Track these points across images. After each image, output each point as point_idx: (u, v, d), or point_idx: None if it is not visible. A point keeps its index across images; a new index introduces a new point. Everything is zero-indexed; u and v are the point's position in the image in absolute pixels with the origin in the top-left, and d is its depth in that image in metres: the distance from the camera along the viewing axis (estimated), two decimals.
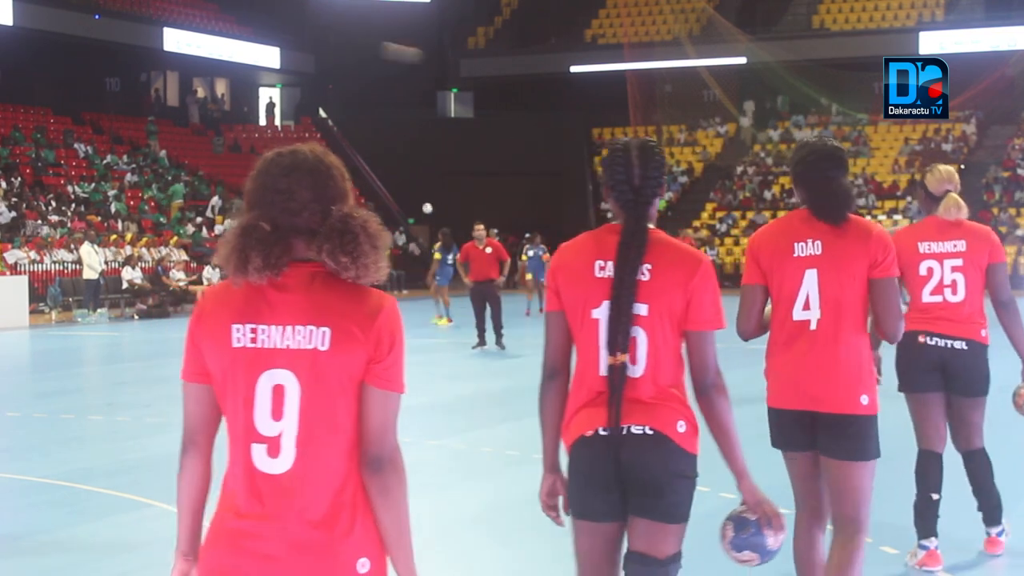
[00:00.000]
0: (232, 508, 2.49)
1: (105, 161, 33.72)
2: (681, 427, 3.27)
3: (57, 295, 24.23)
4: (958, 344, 5.38)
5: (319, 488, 2.45)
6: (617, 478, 3.28)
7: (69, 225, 28.23)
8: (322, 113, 43.11)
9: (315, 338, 2.45)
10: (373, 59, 40.79)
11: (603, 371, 3.29)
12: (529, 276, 23.97)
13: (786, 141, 39.94)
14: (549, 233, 39.51)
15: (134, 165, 34.44)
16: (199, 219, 32.71)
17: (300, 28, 42.59)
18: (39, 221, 28.05)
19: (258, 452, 2.47)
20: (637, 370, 3.27)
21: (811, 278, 4.10)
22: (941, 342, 5.38)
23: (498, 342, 16.49)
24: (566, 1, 43.41)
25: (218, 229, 32.05)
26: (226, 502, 2.52)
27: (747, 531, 3.46)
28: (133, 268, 25.61)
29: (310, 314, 2.46)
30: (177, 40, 37.04)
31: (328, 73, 42.22)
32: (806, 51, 37.94)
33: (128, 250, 26.87)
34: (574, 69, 40.90)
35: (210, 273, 26.89)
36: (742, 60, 38.53)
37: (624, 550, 3.39)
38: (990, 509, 5.73)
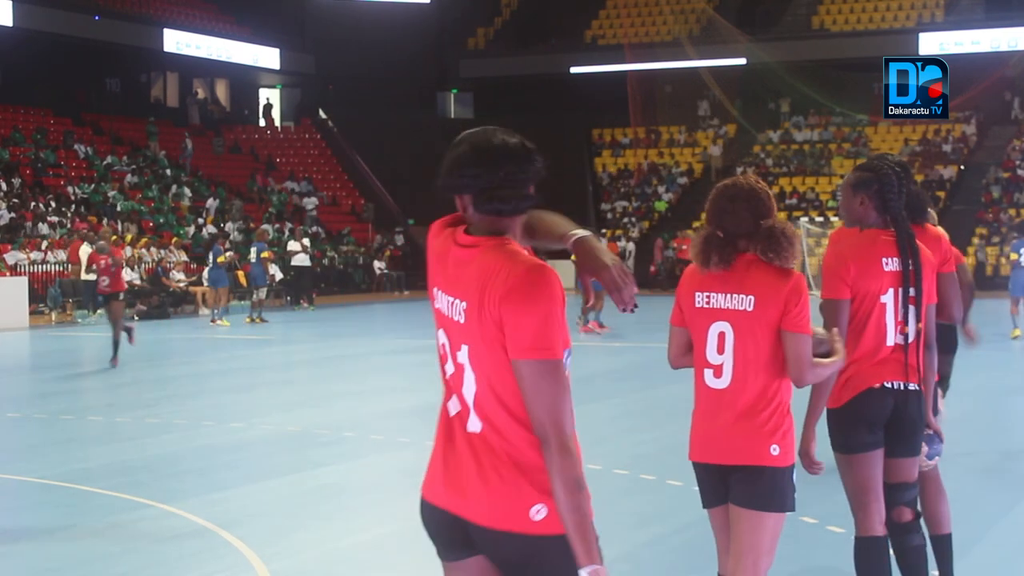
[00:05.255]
0: (698, 404, 3.92)
1: (105, 162, 33.70)
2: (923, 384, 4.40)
3: (57, 296, 24.22)
4: None
5: (746, 398, 3.76)
6: (888, 420, 4.33)
7: (69, 226, 28.20)
8: (322, 114, 43.08)
9: (744, 302, 3.77)
10: (373, 59, 40.74)
11: (890, 341, 4.31)
12: None
13: (786, 142, 39.92)
14: None
15: (134, 166, 34.42)
16: (200, 220, 32.67)
17: (300, 28, 42.55)
18: (37, 223, 28.00)
19: (708, 374, 3.86)
20: (908, 339, 4.32)
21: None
22: None
23: None
24: (566, 1, 43.34)
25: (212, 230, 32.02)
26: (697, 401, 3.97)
27: None
28: (133, 269, 25.58)
29: (741, 287, 3.78)
30: (177, 41, 37.00)
31: (328, 73, 42.18)
32: (806, 52, 37.93)
33: (128, 251, 26.84)
34: (574, 70, 40.85)
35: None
36: (742, 61, 38.52)
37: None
38: None
